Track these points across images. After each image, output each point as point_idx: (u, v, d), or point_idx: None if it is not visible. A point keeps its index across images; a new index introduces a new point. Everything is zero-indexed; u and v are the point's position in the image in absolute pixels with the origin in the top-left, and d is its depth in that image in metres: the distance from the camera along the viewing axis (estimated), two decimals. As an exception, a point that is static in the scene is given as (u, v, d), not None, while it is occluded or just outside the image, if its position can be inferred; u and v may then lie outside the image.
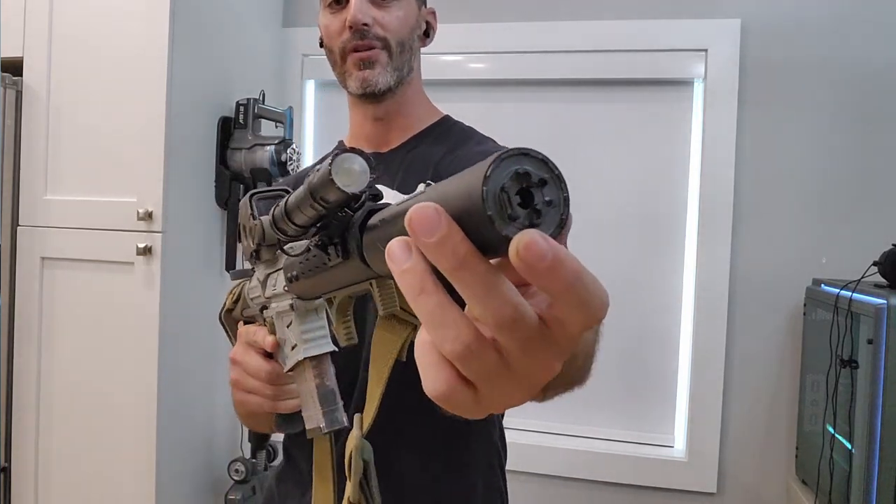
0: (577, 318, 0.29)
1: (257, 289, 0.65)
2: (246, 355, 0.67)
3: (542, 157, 0.29)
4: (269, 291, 0.62)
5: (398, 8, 0.88)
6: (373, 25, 0.85)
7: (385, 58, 0.86)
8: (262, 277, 0.63)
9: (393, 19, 0.87)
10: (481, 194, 0.25)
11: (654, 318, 1.93)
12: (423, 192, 0.32)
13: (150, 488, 1.63)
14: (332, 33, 0.87)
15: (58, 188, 1.70)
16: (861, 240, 1.73)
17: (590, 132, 1.96)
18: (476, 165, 0.28)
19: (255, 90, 1.87)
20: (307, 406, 0.59)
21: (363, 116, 0.92)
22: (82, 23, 1.67)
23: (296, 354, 0.59)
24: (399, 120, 0.92)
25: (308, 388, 0.58)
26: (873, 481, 1.33)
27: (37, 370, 1.72)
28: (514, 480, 1.97)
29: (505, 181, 0.26)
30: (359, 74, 0.86)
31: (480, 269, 0.27)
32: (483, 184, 0.25)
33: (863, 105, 1.77)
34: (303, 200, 0.43)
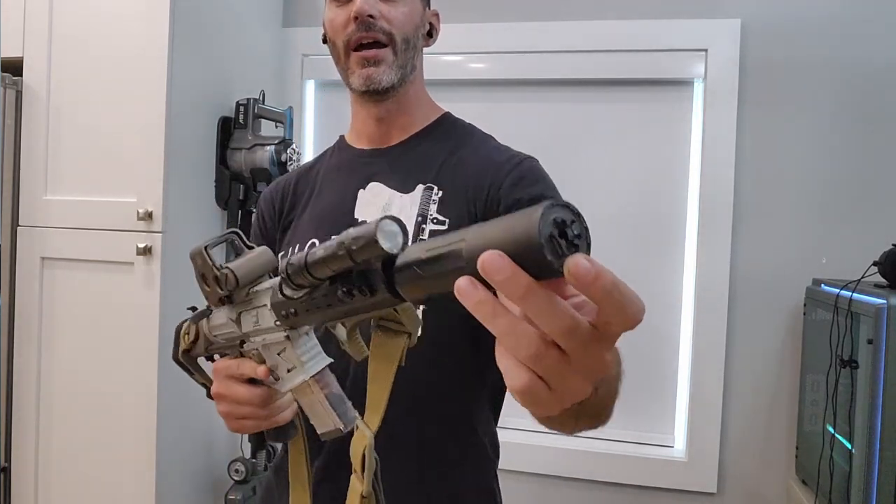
0: (619, 318, 0.37)
1: (226, 326, 0.68)
2: (231, 388, 0.70)
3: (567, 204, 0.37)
4: (248, 328, 0.65)
5: (404, 4, 0.88)
6: (378, 18, 0.85)
7: (390, 56, 0.87)
8: (234, 316, 0.67)
9: (399, 14, 0.87)
10: (541, 244, 0.35)
11: (654, 318, 1.93)
12: (462, 238, 0.40)
13: (150, 488, 1.63)
14: (337, 26, 0.87)
15: (58, 188, 1.70)
16: (861, 240, 1.73)
17: (590, 132, 1.96)
18: (521, 217, 0.37)
19: (255, 90, 1.87)
20: (318, 415, 0.63)
21: (366, 114, 0.93)
22: (82, 23, 1.66)
23: (297, 376, 0.63)
24: (401, 118, 0.93)
25: (316, 399, 0.62)
26: (873, 481, 1.33)
27: (37, 370, 1.72)
28: (515, 480, 1.98)
29: (551, 230, 0.35)
30: (362, 72, 0.86)
31: (540, 294, 0.35)
32: (539, 237, 0.35)
33: (863, 105, 1.77)
34: (334, 258, 0.48)
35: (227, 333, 0.70)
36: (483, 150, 0.91)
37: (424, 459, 0.85)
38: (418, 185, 0.87)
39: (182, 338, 0.77)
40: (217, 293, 0.66)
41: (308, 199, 0.94)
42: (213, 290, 0.67)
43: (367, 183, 0.90)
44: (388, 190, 0.89)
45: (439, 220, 0.84)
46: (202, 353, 0.76)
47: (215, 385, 0.74)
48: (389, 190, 0.89)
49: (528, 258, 0.36)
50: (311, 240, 0.89)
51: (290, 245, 0.92)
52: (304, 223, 0.93)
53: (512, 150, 0.93)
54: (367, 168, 0.92)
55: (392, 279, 0.46)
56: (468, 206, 0.85)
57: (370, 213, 0.87)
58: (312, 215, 0.93)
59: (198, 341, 0.75)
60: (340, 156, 0.97)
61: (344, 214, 0.89)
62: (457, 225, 0.83)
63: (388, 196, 0.88)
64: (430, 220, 0.84)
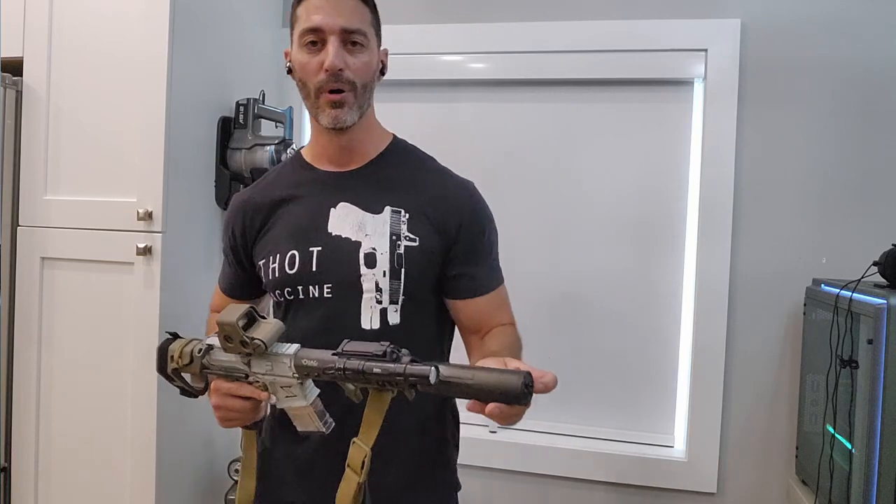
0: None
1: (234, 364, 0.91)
2: (228, 402, 0.93)
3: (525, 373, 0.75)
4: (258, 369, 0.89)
5: (365, 55, 1.02)
6: (345, 69, 0.99)
7: (352, 98, 1.01)
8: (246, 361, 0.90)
9: (361, 65, 1.01)
10: (523, 391, 0.73)
11: (654, 318, 1.93)
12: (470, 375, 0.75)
13: (150, 488, 1.63)
14: (308, 71, 1.00)
15: (58, 188, 1.70)
16: (861, 240, 1.73)
17: (590, 132, 1.96)
18: (508, 376, 0.74)
19: (255, 90, 1.87)
20: (304, 422, 0.89)
21: (328, 141, 1.07)
22: (82, 23, 1.67)
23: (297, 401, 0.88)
24: (359, 146, 1.08)
25: (306, 413, 0.88)
26: (873, 481, 1.33)
27: (37, 370, 1.72)
28: (515, 480, 1.99)
29: (526, 383, 0.74)
30: (330, 112, 1.01)
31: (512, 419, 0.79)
32: (522, 389, 0.73)
33: (863, 105, 1.77)
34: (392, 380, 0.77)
35: (228, 365, 0.91)
36: (432, 174, 1.10)
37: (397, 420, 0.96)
38: (386, 207, 1.04)
39: (173, 359, 0.96)
40: (240, 350, 0.88)
41: (278, 214, 1.09)
42: (237, 348, 0.88)
43: (337, 202, 1.05)
44: (359, 210, 1.04)
45: (410, 237, 1.03)
46: (195, 372, 0.96)
47: (214, 399, 0.94)
48: (360, 211, 1.04)
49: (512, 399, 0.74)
50: (291, 251, 1.04)
51: (269, 255, 1.07)
52: (280, 236, 1.07)
53: (455, 176, 1.11)
54: (334, 189, 1.07)
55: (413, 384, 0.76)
56: (435, 225, 1.04)
57: (343, 229, 1.04)
58: (288, 230, 1.06)
59: (191, 364, 0.95)
60: (304, 174, 1.10)
61: (318, 230, 1.04)
62: (426, 241, 1.03)
63: (360, 216, 1.04)
64: (403, 238, 1.02)
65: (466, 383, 0.73)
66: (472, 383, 0.73)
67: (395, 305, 1.03)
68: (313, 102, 1.02)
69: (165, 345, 0.99)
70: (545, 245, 1.98)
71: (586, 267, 1.96)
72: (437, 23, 2.01)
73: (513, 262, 1.23)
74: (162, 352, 0.99)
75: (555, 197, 1.99)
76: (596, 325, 1.97)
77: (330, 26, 0.98)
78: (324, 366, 0.82)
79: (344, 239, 1.03)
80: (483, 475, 1.99)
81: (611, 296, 1.95)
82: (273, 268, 1.05)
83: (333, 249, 1.03)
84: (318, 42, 0.99)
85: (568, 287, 1.97)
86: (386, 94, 1.25)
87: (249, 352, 0.87)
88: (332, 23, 0.98)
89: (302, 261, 1.03)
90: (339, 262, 1.02)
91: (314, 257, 1.03)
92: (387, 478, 1.01)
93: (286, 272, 1.04)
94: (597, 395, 1.98)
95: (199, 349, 0.95)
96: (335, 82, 0.99)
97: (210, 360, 0.94)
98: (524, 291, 1.97)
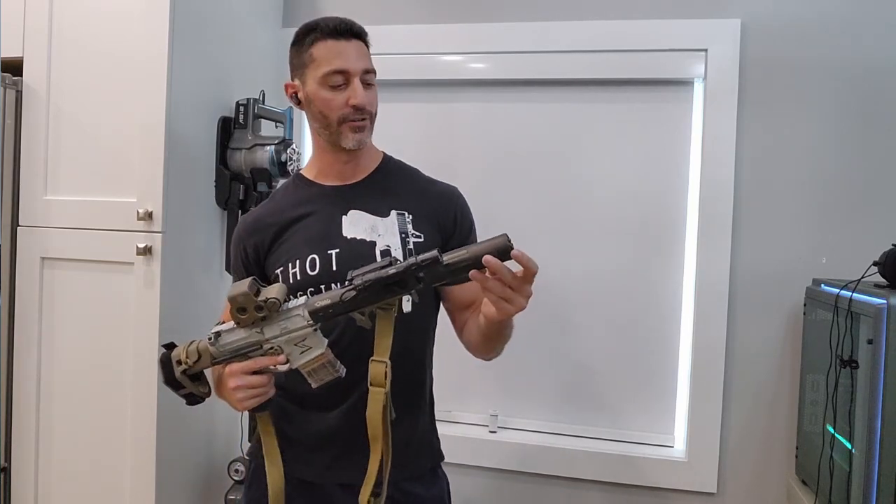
0: (530, 269, 0.92)
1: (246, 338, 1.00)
2: (247, 379, 1.00)
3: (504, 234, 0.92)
4: (272, 333, 0.98)
5: (375, 89, 1.18)
6: (367, 105, 1.15)
7: (369, 125, 1.18)
8: (259, 329, 0.99)
9: (374, 98, 1.17)
10: (509, 245, 0.91)
11: (654, 317, 1.93)
12: (465, 251, 0.93)
13: (150, 488, 1.63)
14: (334, 107, 1.14)
15: (58, 188, 1.70)
16: (861, 240, 1.73)
17: (590, 132, 1.96)
18: (495, 239, 0.93)
19: (255, 90, 1.87)
20: (321, 374, 1.00)
21: (335, 159, 1.21)
22: (82, 23, 1.67)
23: (314, 352, 0.98)
24: (361, 162, 1.23)
25: (322, 361, 0.99)
26: (873, 481, 1.33)
27: (37, 370, 1.72)
28: (515, 480, 1.99)
29: (508, 241, 0.92)
30: (354, 136, 1.16)
31: (504, 269, 0.91)
32: (508, 243, 0.92)
33: (863, 105, 1.77)
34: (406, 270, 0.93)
35: (241, 344, 1.00)
36: (423, 182, 1.26)
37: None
38: (392, 211, 1.18)
39: (181, 363, 1.03)
40: (254, 317, 0.97)
41: (291, 230, 1.19)
42: (251, 316, 0.97)
43: (347, 210, 1.18)
44: (369, 215, 1.17)
45: (416, 234, 1.17)
46: (207, 365, 1.03)
47: (233, 381, 1.01)
48: (370, 215, 1.17)
49: (502, 252, 0.90)
50: (311, 255, 1.15)
51: (288, 262, 1.16)
52: (297, 246, 1.17)
53: (442, 182, 1.27)
54: (343, 200, 1.20)
55: (418, 278, 0.93)
56: (434, 224, 1.20)
57: (357, 232, 1.16)
58: (305, 240, 1.17)
59: (201, 360, 1.02)
60: (311, 191, 1.23)
61: (335, 235, 1.16)
62: (430, 237, 1.17)
63: (371, 220, 1.17)
64: (411, 235, 1.16)
65: (464, 258, 0.91)
66: (469, 255, 0.91)
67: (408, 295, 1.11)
68: (335, 130, 1.16)
69: (167, 354, 1.05)
70: (545, 245, 1.98)
71: (586, 266, 1.96)
72: (437, 23, 2.01)
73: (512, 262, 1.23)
74: (165, 360, 1.05)
75: (554, 197, 1.99)
76: (595, 325, 1.96)
77: (355, 69, 1.13)
78: (337, 299, 0.95)
79: (359, 241, 1.15)
80: (483, 475, 1.99)
81: (611, 295, 1.95)
82: (294, 272, 1.14)
83: (351, 250, 1.14)
84: (343, 82, 1.13)
85: (568, 287, 1.97)
86: (386, 94, 1.26)
87: (265, 314, 0.97)
88: (357, 65, 1.14)
89: (322, 263, 1.14)
90: (358, 260, 1.09)
91: (333, 258, 1.13)
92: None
93: (308, 274, 1.13)
94: (597, 394, 1.98)
95: (206, 341, 1.01)
96: (360, 115, 1.15)
97: (220, 348, 1.01)
98: (524, 291, 1.98)
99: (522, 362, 1.99)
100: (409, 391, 1.18)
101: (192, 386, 1.05)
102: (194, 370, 1.03)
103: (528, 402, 2.03)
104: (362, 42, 1.17)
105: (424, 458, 1.22)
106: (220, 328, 1.01)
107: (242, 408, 1.04)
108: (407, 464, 1.16)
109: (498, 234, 0.92)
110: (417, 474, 1.20)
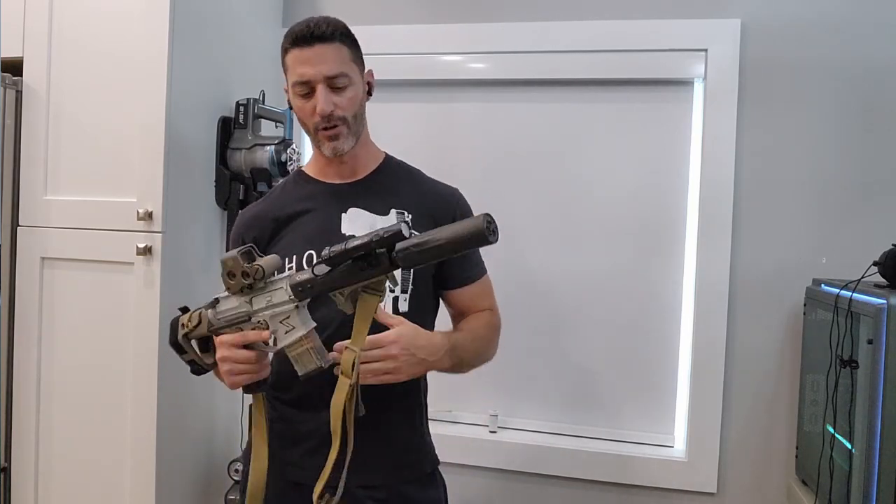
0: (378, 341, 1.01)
1: (237, 308, 1.01)
2: (235, 353, 1.01)
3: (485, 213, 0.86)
4: (259, 305, 0.99)
5: (350, 91, 1.14)
6: (335, 110, 1.12)
7: (346, 130, 1.15)
8: (248, 299, 1.00)
9: (347, 102, 1.13)
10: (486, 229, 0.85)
11: (655, 317, 1.93)
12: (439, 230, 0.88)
13: (150, 488, 1.63)
14: (304, 114, 1.14)
15: (58, 188, 1.70)
16: (861, 240, 1.73)
17: (590, 132, 1.96)
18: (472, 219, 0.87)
19: (255, 90, 1.87)
20: (304, 360, 0.97)
21: (330, 159, 1.19)
22: (82, 23, 1.67)
23: (297, 332, 0.97)
24: (358, 161, 1.22)
25: (305, 349, 0.97)
26: (873, 481, 1.33)
27: (37, 370, 1.72)
28: (515, 480, 1.99)
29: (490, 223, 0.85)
30: (329, 145, 1.15)
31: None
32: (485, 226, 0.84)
33: (863, 105, 1.77)
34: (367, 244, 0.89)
35: (233, 314, 1.01)
36: (424, 183, 1.25)
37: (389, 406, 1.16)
38: (391, 210, 1.18)
39: (184, 326, 1.05)
40: (241, 283, 0.98)
41: (290, 226, 1.19)
42: (238, 282, 0.98)
43: (346, 208, 1.18)
44: (368, 213, 1.17)
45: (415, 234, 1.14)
46: (203, 333, 1.04)
47: (220, 352, 1.01)
48: (369, 213, 1.17)
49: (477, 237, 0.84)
50: (309, 251, 1.14)
51: (286, 257, 1.15)
52: (295, 242, 1.17)
53: (442, 183, 1.26)
54: (342, 198, 1.19)
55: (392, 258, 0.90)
56: (433, 224, 1.14)
57: (356, 230, 1.15)
58: (303, 236, 1.17)
59: (199, 325, 1.04)
60: (311, 188, 1.23)
61: (333, 232, 1.16)
62: None
63: (371, 218, 1.17)
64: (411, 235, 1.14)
65: (437, 242, 0.87)
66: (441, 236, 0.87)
67: (405, 294, 1.16)
68: (313, 137, 1.17)
69: (177, 317, 1.08)
70: (545, 244, 1.98)
71: (586, 266, 1.96)
72: (437, 23, 2.01)
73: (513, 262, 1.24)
74: (174, 322, 1.07)
75: (555, 197, 1.99)
76: (595, 325, 1.96)
77: (315, 77, 1.11)
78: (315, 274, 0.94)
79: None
80: (483, 475, 1.99)
81: (611, 295, 1.95)
82: (290, 267, 1.15)
83: None
84: (308, 91, 1.12)
85: (568, 286, 1.97)
86: (386, 94, 1.26)
87: (251, 283, 0.97)
88: (317, 73, 1.11)
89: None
90: None
91: None
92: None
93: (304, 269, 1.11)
94: (597, 394, 1.98)
95: (205, 306, 1.04)
96: (328, 122, 1.13)
97: (216, 315, 1.02)
98: (524, 291, 1.98)
99: (522, 362, 1.99)
100: (403, 393, 1.16)
101: (195, 354, 1.06)
102: (194, 335, 1.05)
103: (528, 402, 2.03)
104: (332, 43, 1.12)
105: (421, 462, 1.22)
106: (220, 295, 1.02)
107: (230, 383, 1.04)
108: (403, 467, 1.16)
109: (475, 217, 0.87)
110: (414, 477, 1.19)
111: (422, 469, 1.22)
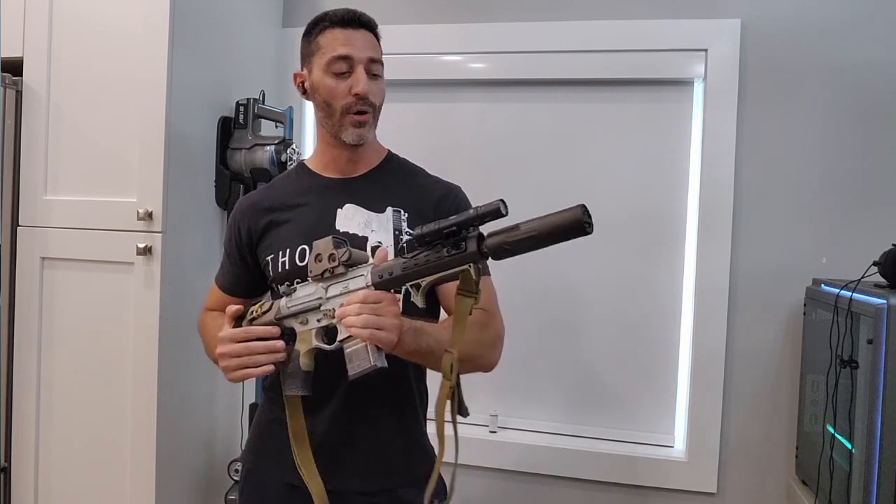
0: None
1: (312, 294, 1.01)
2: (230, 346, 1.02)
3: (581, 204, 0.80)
4: (334, 293, 0.99)
5: (381, 82, 1.16)
6: (370, 94, 1.12)
7: (371, 119, 1.15)
8: (325, 286, 1.00)
9: (379, 90, 1.15)
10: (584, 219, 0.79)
11: (654, 317, 1.93)
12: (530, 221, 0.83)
13: (150, 488, 1.63)
14: (337, 94, 1.12)
15: (58, 188, 1.70)
16: (861, 240, 1.73)
17: (590, 132, 1.96)
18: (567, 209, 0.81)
19: (255, 90, 1.87)
20: (359, 357, 0.93)
21: (338, 152, 1.19)
22: (82, 23, 1.66)
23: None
24: (364, 157, 1.21)
25: (361, 346, 0.93)
26: (873, 481, 1.33)
27: (37, 370, 1.72)
28: (515, 480, 1.99)
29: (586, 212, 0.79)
30: (355, 131, 1.14)
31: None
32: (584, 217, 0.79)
33: (863, 105, 1.77)
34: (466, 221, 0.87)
35: (303, 303, 1.01)
36: (425, 181, 1.23)
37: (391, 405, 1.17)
38: (388, 208, 1.16)
39: (253, 311, 1.07)
40: (325, 266, 0.98)
41: (286, 217, 1.18)
42: (324, 264, 0.98)
43: (343, 204, 1.16)
44: (364, 210, 1.15)
45: (410, 233, 1.13)
46: (270, 320, 1.05)
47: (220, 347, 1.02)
48: (366, 210, 1.15)
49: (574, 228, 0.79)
50: (301, 245, 1.12)
51: (279, 250, 1.15)
52: (289, 235, 1.16)
53: (445, 181, 1.24)
54: (340, 193, 1.18)
55: (481, 245, 0.86)
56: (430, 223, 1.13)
57: (351, 226, 1.14)
58: (298, 229, 1.15)
59: (268, 313, 1.05)
60: (311, 181, 1.21)
61: (328, 227, 1.13)
62: None
63: (366, 215, 1.15)
64: (404, 233, 1.13)
65: (531, 232, 0.83)
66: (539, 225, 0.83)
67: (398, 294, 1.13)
68: (337, 121, 1.14)
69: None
70: (545, 245, 1.97)
71: (586, 266, 1.96)
72: (437, 23, 2.01)
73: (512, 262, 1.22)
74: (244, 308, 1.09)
75: (555, 197, 1.98)
76: (596, 325, 1.96)
77: (359, 56, 1.11)
78: (399, 261, 0.92)
79: (351, 235, 1.12)
80: (483, 475, 1.99)
81: (611, 295, 1.95)
82: (283, 261, 1.13)
83: None
84: (346, 69, 1.11)
85: (568, 287, 1.97)
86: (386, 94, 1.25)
87: (334, 266, 0.98)
88: (361, 53, 1.11)
89: None
90: None
91: None
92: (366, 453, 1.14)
93: (296, 264, 1.12)
94: (597, 394, 1.98)
95: (283, 293, 1.04)
96: (362, 105, 1.12)
97: (288, 303, 1.03)
98: (524, 291, 1.98)
99: (522, 362, 1.99)
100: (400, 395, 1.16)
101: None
102: (259, 322, 1.04)
103: (529, 403, 2.03)
104: (371, 33, 1.15)
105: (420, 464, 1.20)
106: (299, 284, 1.03)
107: (229, 378, 1.04)
108: (402, 470, 1.16)
109: (571, 208, 0.81)
110: (413, 480, 1.18)
111: (420, 472, 1.20)
